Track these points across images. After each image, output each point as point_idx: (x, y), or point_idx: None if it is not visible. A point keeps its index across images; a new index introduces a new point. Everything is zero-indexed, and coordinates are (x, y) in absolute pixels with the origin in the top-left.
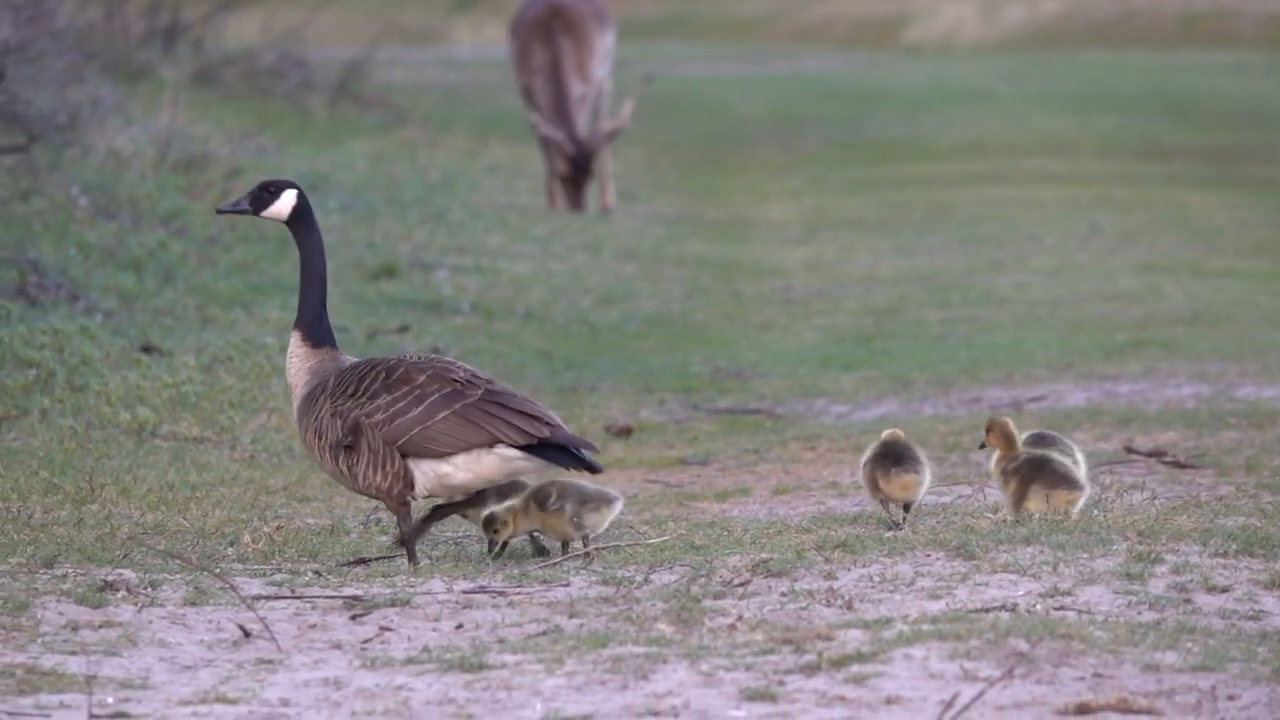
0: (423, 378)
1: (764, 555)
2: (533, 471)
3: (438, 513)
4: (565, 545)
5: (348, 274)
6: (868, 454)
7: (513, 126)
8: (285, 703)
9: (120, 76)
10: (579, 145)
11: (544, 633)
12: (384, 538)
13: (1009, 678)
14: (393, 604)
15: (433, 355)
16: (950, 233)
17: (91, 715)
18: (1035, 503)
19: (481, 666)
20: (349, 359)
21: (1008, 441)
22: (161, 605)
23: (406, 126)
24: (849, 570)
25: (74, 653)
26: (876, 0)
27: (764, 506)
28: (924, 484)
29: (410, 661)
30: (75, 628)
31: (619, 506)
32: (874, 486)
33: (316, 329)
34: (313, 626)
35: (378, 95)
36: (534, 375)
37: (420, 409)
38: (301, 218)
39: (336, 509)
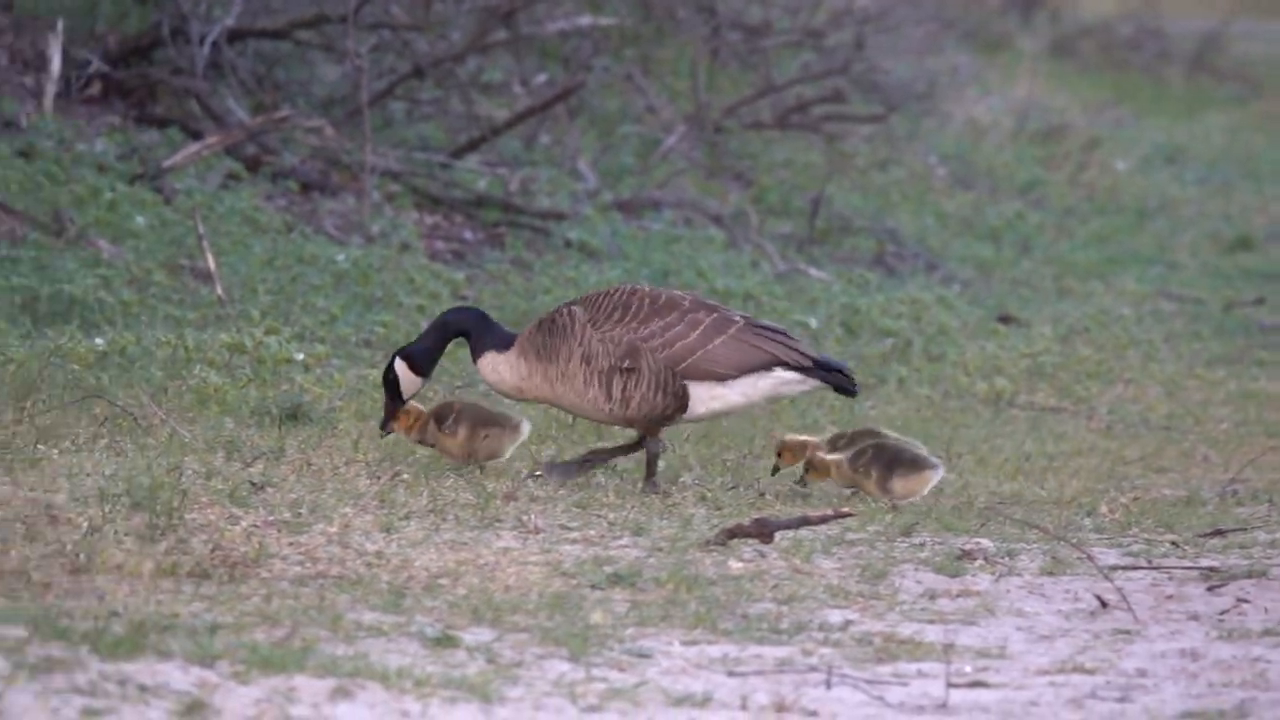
0: (687, 302)
1: None
2: (799, 393)
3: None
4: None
5: (1203, 246)
6: None
7: None
8: (1142, 673)
9: (978, 46)
10: None
11: None
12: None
13: None
14: (1249, 575)
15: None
16: None
17: (949, 684)
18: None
19: None
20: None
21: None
22: (1019, 574)
23: (1263, 99)
24: None
25: (931, 621)
26: None
27: None
28: None
29: (1267, 633)
30: (933, 596)
31: (939, 475)
32: None
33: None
34: (1169, 597)
35: (1234, 68)
36: None
37: (696, 334)
38: (437, 351)
39: (1193, 480)
